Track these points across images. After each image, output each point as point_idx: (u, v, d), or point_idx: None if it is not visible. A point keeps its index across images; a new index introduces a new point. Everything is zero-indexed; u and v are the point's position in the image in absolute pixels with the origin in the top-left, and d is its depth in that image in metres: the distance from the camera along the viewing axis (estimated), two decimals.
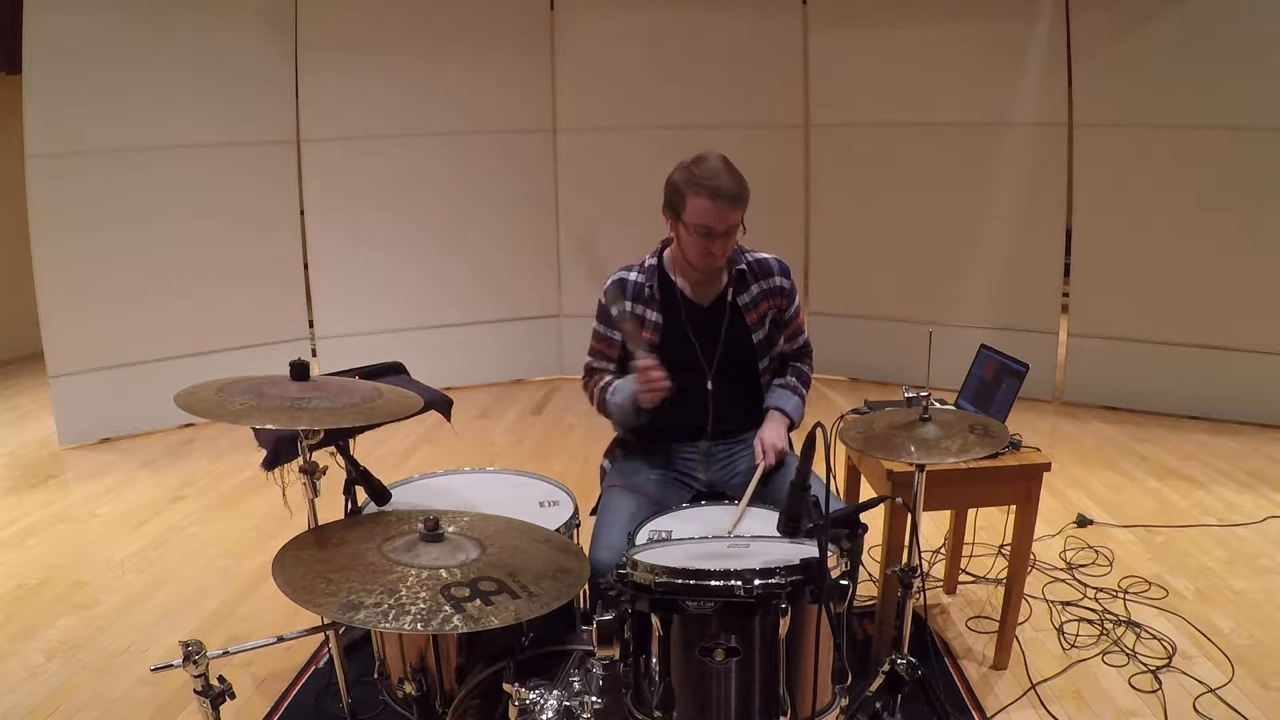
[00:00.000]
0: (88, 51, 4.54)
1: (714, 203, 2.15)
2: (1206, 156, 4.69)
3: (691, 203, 2.17)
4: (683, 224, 2.22)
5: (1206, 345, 4.88)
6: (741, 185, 2.18)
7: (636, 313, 2.37)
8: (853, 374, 5.88)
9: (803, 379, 2.53)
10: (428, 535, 1.62)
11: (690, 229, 2.20)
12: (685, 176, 2.20)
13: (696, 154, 2.22)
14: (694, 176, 2.17)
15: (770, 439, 2.33)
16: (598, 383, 2.44)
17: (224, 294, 5.11)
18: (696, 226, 2.18)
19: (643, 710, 1.64)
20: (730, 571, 1.57)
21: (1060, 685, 2.50)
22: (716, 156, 2.20)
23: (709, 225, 2.17)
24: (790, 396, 2.46)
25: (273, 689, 2.55)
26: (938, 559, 3.16)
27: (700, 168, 2.18)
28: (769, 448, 2.31)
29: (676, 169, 2.24)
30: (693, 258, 2.26)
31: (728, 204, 2.15)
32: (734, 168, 2.20)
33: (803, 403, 2.48)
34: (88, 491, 4.17)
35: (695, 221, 2.18)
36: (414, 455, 4.59)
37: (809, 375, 2.55)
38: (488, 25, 5.48)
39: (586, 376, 2.50)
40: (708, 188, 2.15)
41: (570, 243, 5.84)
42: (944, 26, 5.21)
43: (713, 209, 2.16)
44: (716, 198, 2.15)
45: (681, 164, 2.23)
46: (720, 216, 2.16)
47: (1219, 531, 3.51)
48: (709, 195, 2.15)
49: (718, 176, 2.16)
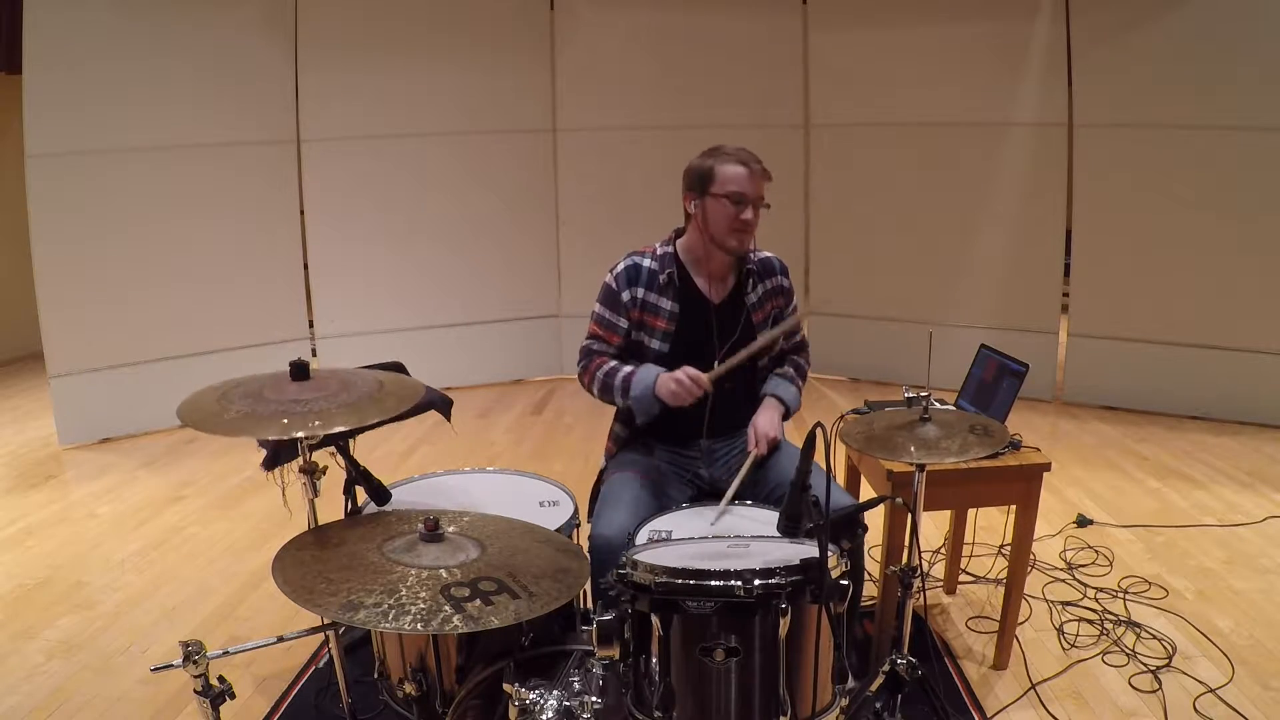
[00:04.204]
0: (88, 51, 4.54)
1: (747, 168, 2.26)
2: (1206, 156, 4.69)
3: (722, 171, 2.26)
4: (711, 196, 2.27)
5: (1206, 345, 4.88)
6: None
7: (650, 300, 2.35)
8: (853, 374, 5.88)
9: (800, 370, 2.55)
10: (428, 535, 1.62)
11: (722, 198, 2.25)
12: (708, 157, 2.31)
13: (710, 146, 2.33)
14: (719, 153, 2.30)
15: (764, 427, 2.34)
16: (600, 365, 2.36)
17: (224, 294, 5.11)
18: (730, 194, 2.25)
19: (643, 710, 1.64)
20: (730, 571, 1.57)
21: (1060, 685, 2.50)
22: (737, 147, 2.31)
23: (742, 191, 2.25)
24: (788, 385, 2.46)
25: (273, 689, 2.55)
26: (938, 559, 3.16)
27: (721, 148, 2.31)
28: (761, 436, 2.32)
29: (694, 159, 2.33)
30: (722, 230, 2.29)
31: (759, 170, 2.27)
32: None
33: (799, 393, 2.49)
34: (88, 491, 4.17)
35: (728, 190, 2.25)
36: (414, 455, 4.59)
37: (805, 369, 2.57)
38: (488, 25, 5.48)
39: (585, 359, 2.41)
40: (737, 156, 2.27)
41: (570, 243, 5.83)
42: (944, 26, 5.21)
43: (746, 174, 2.26)
44: (750, 165, 2.26)
45: (698, 155, 2.33)
46: (753, 182, 2.26)
47: (1219, 531, 3.51)
48: (739, 161, 2.26)
49: (743, 151, 2.29)
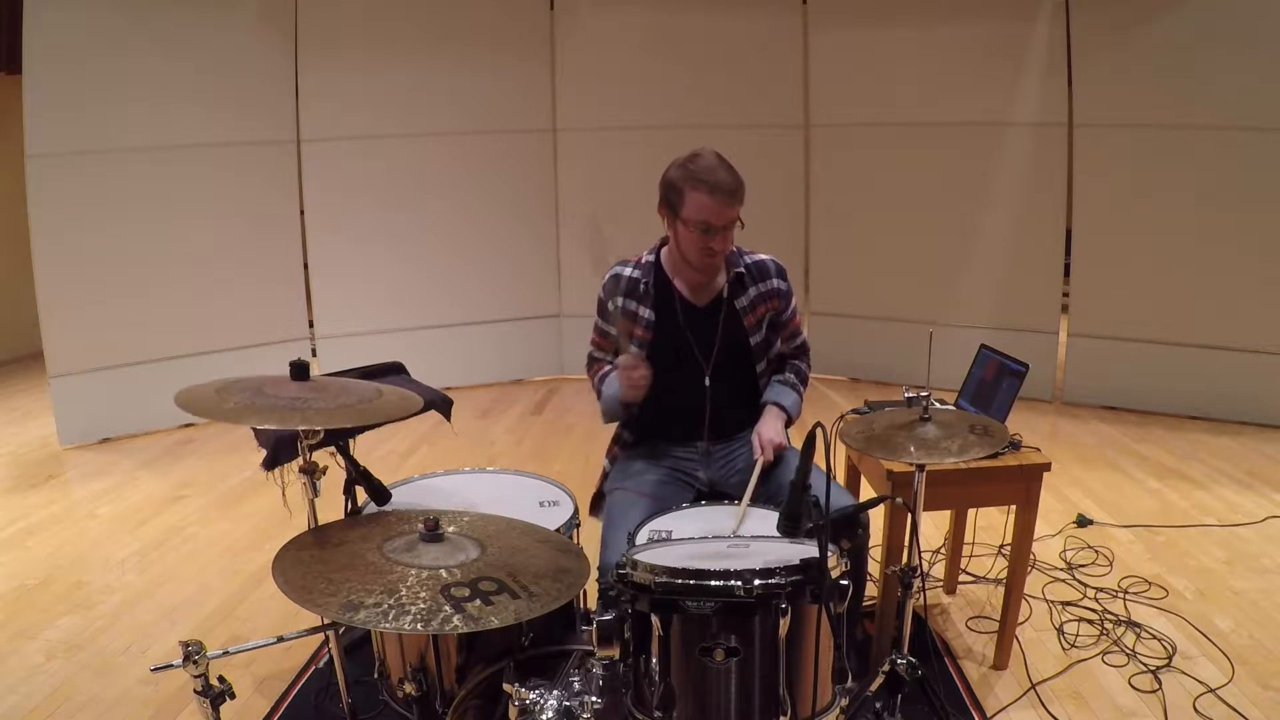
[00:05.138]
0: (88, 51, 4.54)
1: (712, 197, 2.16)
2: (1206, 156, 4.69)
3: (690, 198, 2.18)
4: (681, 221, 2.22)
5: (1206, 345, 4.88)
6: (738, 180, 2.19)
7: (629, 309, 2.37)
8: (853, 374, 5.88)
9: (801, 376, 2.54)
10: (428, 535, 1.61)
11: (689, 225, 2.20)
12: (681, 173, 2.20)
13: (691, 151, 2.23)
14: (690, 172, 2.18)
15: (768, 434, 2.33)
16: (597, 372, 2.53)
17: (224, 294, 5.11)
18: (696, 222, 2.18)
19: (643, 710, 1.64)
20: (730, 571, 1.57)
21: (1060, 685, 2.50)
22: (710, 152, 2.21)
23: (708, 220, 2.18)
24: (789, 392, 2.46)
25: (273, 689, 2.55)
26: (938, 559, 3.16)
27: (696, 164, 2.19)
28: (766, 443, 2.31)
29: (671, 167, 2.24)
30: (691, 256, 2.26)
31: (726, 198, 2.16)
32: (728, 162, 2.21)
33: (800, 399, 2.49)
34: (88, 491, 4.17)
35: (694, 217, 2.18)
36: (414, 455, 4.59)
37: (807, 374, 2.56)
38: (488, 25, 5.48)
39: (589, 365, 2.58)
40: (705, 182, 2.16)
41: (570, 243, 5.84)
42: (944, 26, 5.21)
43: (711, 203, 2.16)
44: (714, 192, 2.15)
45: (676, 162, 2.24)
46: (719, 211, 2.17)
47: (1219, 531, 3.51)
48: (707, 190, 2.16)
49: (714, 171, 2.16)
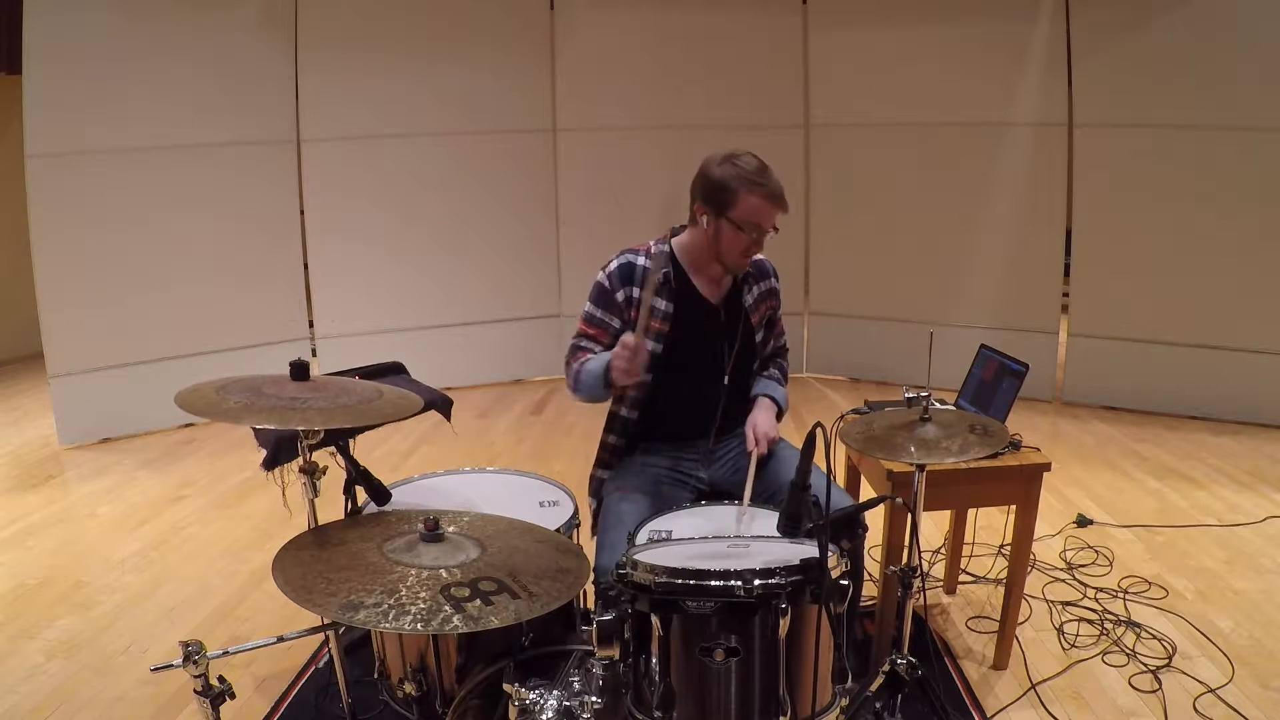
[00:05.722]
0: (88, 51, 4.53)
1: (769, 202, 2.17)
2: (1206, 156, 4.69)
3: (745, 200, 2.16)
4: (728, 220, 2.19)
5: (1206, 345, 4.88)
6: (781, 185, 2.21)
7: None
8: (853, 374, 5.88)
9: (784, 374, 2.57)
10: (428, 535, 1.61)
11: (740, 226, 2.18)
12: (734, 173, 2.16)
13: (729, 150, 2.20)
14: (745, 174, 2.15)
15: (763, 427, 2.33)
16: (579, 359, 2.30)
17: (224, 294, 5.11)
18: (749, 225, 2.18)
19: (643, 710, 1.64)
20: (730, 571, 1.57)
21: (1060, 685, 2.50)
22: (751, 154, 2.20)
23: (760, 224, 2.18)
24: (777, 386, 2.48)
25: (273, 689, 2.55)
26: (938, 559, 3.16)
27: (745, 165, 2.16)
28: (762, 436, 2.30)
29: (714, 164, 2.19)
30: (730, 256, 2.24)
31: (780, 203, 2.19)
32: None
33: (786, 395, 2.51)
34: (88, 491, 4.17)
35: (748, 220, 2.17)
36: (414, 455, 4.59)
37: (788, 370, 2.61)
38: (487, 25, 5.48)
39: (570, 354, 2.36)
40: (764, 187, 2.16)
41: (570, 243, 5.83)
42: (944, 26, 5.21)
43: (768, 208, 2.17)
44: (773, 199, 2.17)
45: (715, 159, 2.20)
46: (773, 216, 2.19)
47: (1219, 531, 3.51)
48: (766, 196, 2.16)
49: (769, 175, 2.17)
